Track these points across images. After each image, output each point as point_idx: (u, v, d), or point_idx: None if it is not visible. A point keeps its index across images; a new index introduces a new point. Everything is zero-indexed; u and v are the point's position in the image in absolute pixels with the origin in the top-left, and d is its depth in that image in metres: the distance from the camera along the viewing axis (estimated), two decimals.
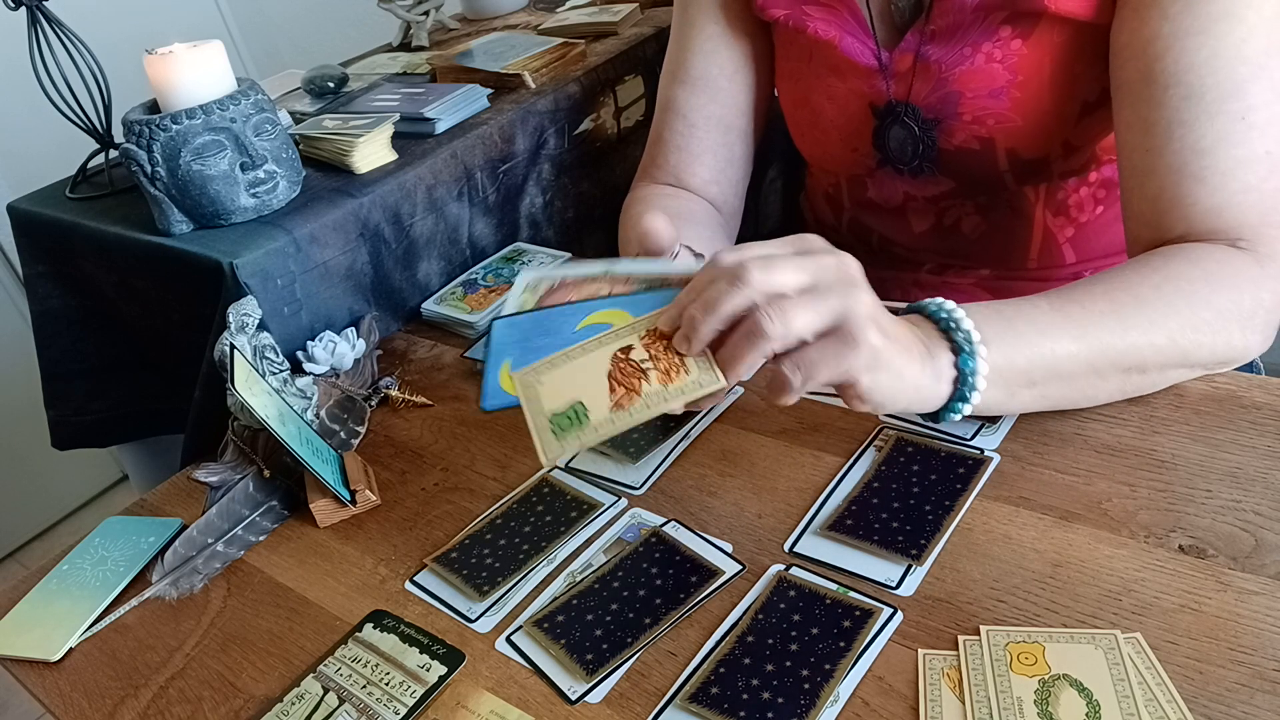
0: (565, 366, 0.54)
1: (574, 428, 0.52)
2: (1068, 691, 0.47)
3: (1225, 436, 0.60)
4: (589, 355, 0.53)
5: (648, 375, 0.52)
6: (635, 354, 0.53)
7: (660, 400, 0.51)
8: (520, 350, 0.56)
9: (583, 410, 0.52)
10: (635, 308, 0.56)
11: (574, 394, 0.53)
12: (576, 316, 0.57)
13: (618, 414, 0.52)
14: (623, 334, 0.54)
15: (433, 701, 0.56)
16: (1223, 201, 0.60)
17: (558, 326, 0.57)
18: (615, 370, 0.53)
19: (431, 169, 1.01)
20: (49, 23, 1.09)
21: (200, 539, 0.72)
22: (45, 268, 1.15)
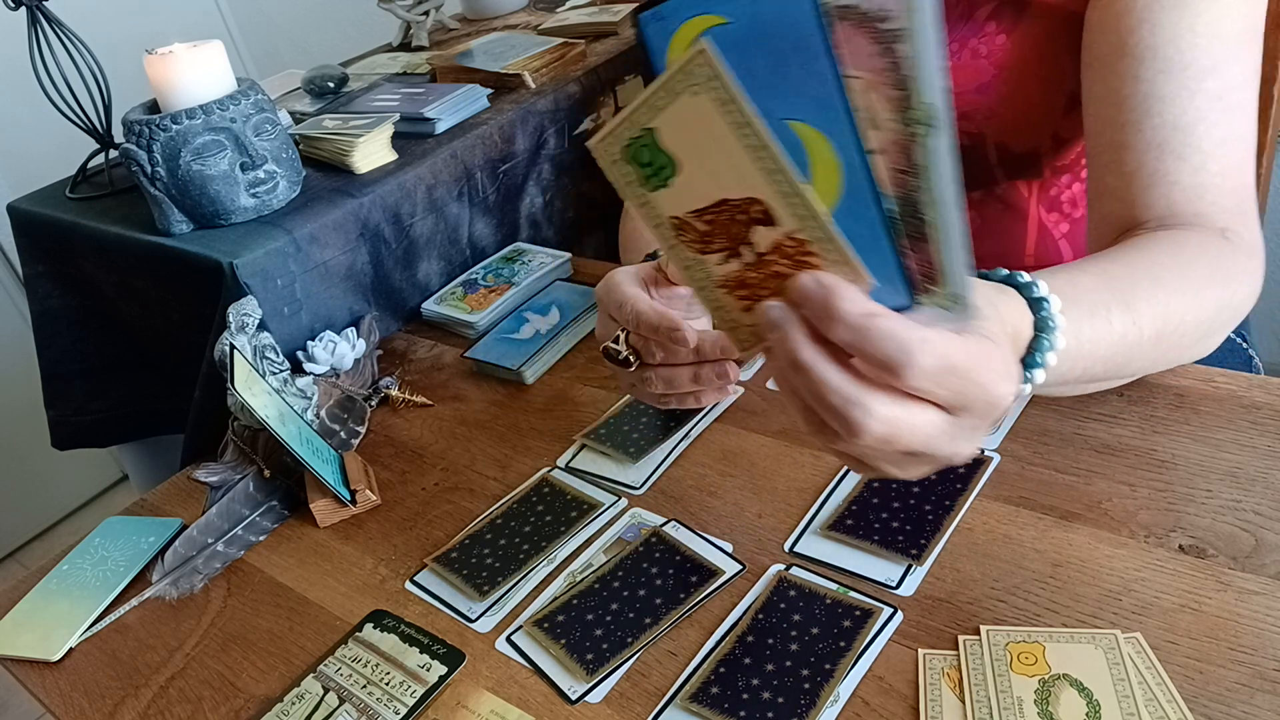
0: (735, 146, 0.35)
1: (645, 170, 0.38)
2: (1068, 691, 0.47)
3: (1225, 436, 0.60)
4: (752, 168, 0.36)
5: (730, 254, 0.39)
6: (759, 237, 0.38)
7: (704, 295, 0.41)
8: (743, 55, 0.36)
9: (669, 171, 0.38)
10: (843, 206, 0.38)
11: (708, 186, 0.38)
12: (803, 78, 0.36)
13: (687, 258, 0.40)
14: (787, 196, 0.36)
15: (433, 701, 0.56)
16: (1204, 182, 0.60)
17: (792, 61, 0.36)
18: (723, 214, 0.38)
19: (431, 169, 1.01)
20: (49, 23, 1.09)
21: (200, 539, 0.72)
22: (45, 268, 1.15)
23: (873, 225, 0.38)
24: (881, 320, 0.37)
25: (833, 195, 0.38)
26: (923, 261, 0.38)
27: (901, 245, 0.38)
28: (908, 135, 0.36)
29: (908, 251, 0.38)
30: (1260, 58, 0.62)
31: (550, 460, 0.74)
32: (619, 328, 0.60)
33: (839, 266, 0.37)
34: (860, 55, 0.35)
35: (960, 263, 0.38)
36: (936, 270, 0.38)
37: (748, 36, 0.36)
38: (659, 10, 0.37)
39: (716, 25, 0.36)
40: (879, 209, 0.37)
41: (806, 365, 0.38)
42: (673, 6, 0.37)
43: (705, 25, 0.36)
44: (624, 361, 0.59)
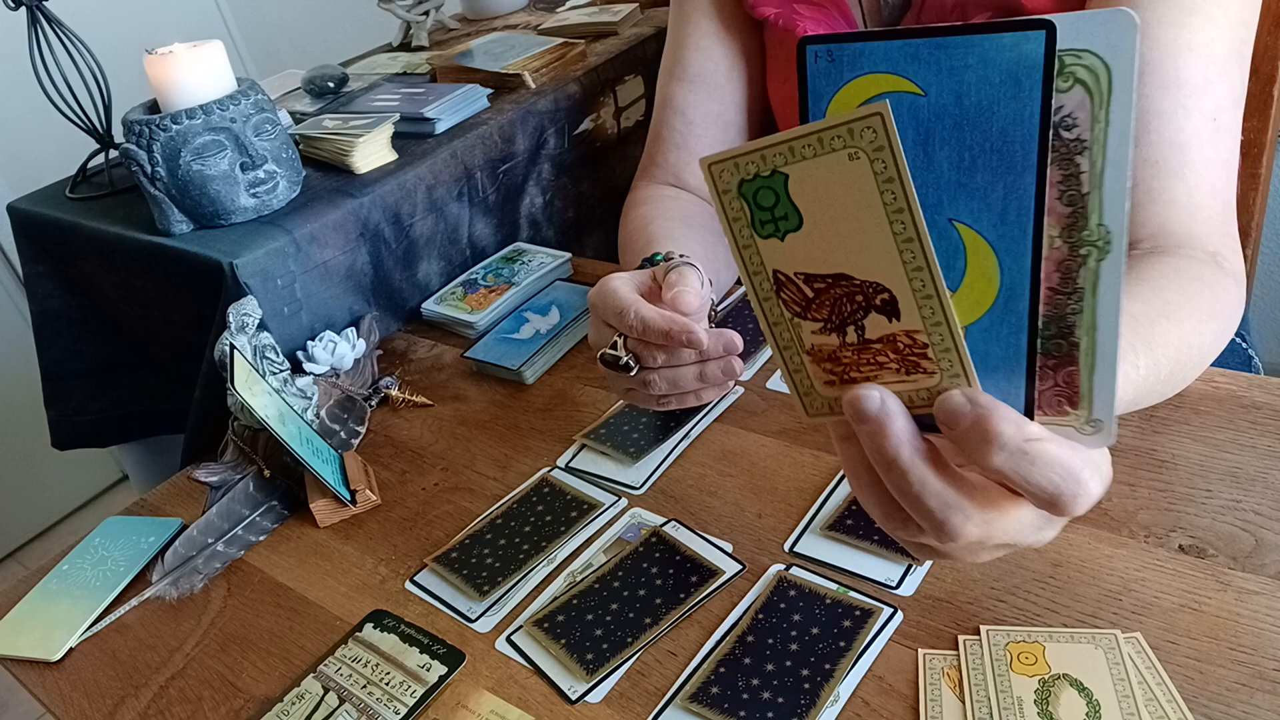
0: (878, 227, 0.31)
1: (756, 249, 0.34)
2: (1068, 691, 0.47)
3: (1225, 436, 0.60)
4: (892, 255, 0.32)
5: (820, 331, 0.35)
6: (872, 325, 0.34)
7: (782, 351, 0.37)
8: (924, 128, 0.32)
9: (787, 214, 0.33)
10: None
11: (832, 256, 0.33)
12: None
13: (777, 314, 0.36)
14: (922, 295, 0.32)
15: (433, 701, 0.56)
16: (1197, 201, 0.61)
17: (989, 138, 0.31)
18: (845, 312, 0.34)
19: (431, 169, 1.01)
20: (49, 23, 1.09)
21: (200, 539, 0.72)
22: (45, 268, 1.15)
23: (1015, 353, 0.34)
24: (1046, 445, 0.33)
25: (979, 310, 0.34)
26: (1063, 382, 0.35)
27: (1037, 365, 0.35)
28: (1073, 255, 0.33)
29: (1046, 372, 0.35)
30: (1246, 80, 0.62)
31: (550, 460, 0.74)
32: (614, 334, 0.60)
33: (953, 379, 0.34)
34: None
35: (1111, 389, 0.35)
36: (1079, 393, 0.35)
37: (940, 119, 0.31)
38: (833, 49, 0.32)
39: (905, 92, 0.31)
40: (1030, 341, 0.34)
41: (905, 467, 0.35)
42: (852, 51, 0.31)
43: (889, 87, 0.31)
44: (624, 366, 0.59)
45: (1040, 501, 0.35)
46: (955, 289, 0.34)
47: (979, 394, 0.34)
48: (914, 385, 0.35)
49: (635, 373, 0.59)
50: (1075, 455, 0.34)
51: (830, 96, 0.32)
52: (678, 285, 0.58)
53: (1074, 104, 0.30)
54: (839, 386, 0.36)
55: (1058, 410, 0.36)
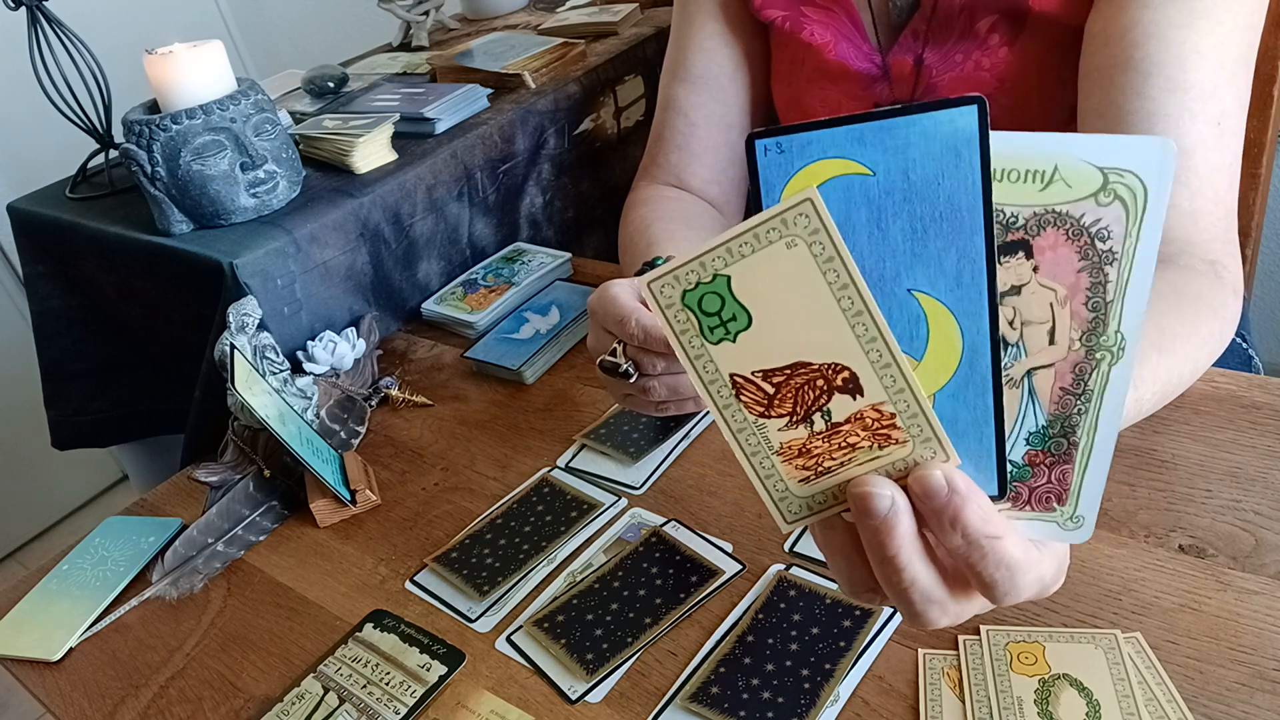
0: (827, 308, 0.32)
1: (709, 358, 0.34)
2: (1068, 691, 0.47)
3: (1225, 436, 0.60)
4: (845, 334, 0.33)
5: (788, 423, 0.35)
6: (838, 407, 0.34)
7: (750, 458, 0.36)
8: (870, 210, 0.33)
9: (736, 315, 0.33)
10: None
11: (786, 348, 0.34)
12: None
13: (739, 420, 0.36)
14: (880, 366, 0.33)
15: (433, 701, 0.56)
16: (1200, 208, 0.60)
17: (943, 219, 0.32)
18: (808, 400, 0.35)
19: (431, 169, 1.01)
20: (49, 23, 1.09)
21: (200, 539, 0.72)
22: (45, 268, 1.15)
23: (982, 414, 0.35)
24: (1001, 544, 0.35)
25: (945, 375, 0.35)
26: (1056, 480, 0.36)
27: (1036, 459, 0.36)
28: (1089, 358, 0.34)
29: (1042, 469, 0.36)
30: (1250, 86, 0.62)
31: (550, 460, 0.74)
32: (614, 340, 0.60)
33: (926, 444, 0.34)
34: (1062, 267, 0.33)
35: (1099, 489, 0.36)
36: (1068, 491, 0.36)
37: (890, 194, 0.32)
38: (780, 141, 0.32)
39: (854, 174, 0.32)
40: (995, 400, 0.34)
41: (903, 565, 0.35)
42: (800, 141, 0.32)
43: (839, 170, 0.32)
44: (624, 374, 0.59)
45: (978, 585, 0.36)
46: (920, 357, 0.34)
47: (957, 476, 0.34)
48: (888, 459, 0.35)
49: (635, 380, 0.59)
50: (1025, 557, 0.35)
51: (782, 186, 0.33)
52: None
53: (1111, 218, 0.32)
54: (814, 482, 0.36)
55: (1044, 506, 0.37)
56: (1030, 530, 0.37)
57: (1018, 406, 0.35)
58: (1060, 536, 0.37)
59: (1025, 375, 0.35)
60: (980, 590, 0.36)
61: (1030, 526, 0.37)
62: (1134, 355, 0.34)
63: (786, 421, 0.35)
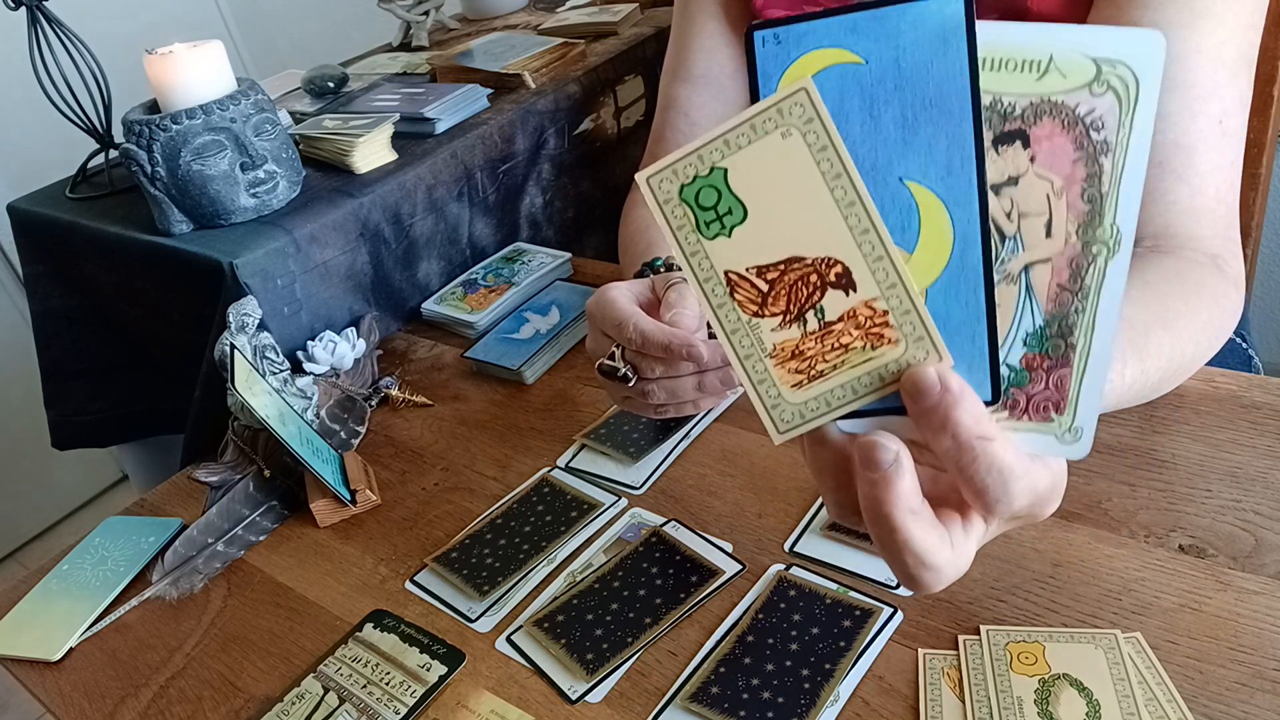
0: (822, 199, 0.32)
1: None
2: (1068, 691, 0.47)
3: (1225, 436, 0.60)
4: (839, 224, 0.33)
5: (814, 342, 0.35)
6: (831, 304, 0.34)
7: (744, 363, 0.36)
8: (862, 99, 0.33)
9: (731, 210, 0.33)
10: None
11: (781, 241, 0.34)
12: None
13: (734, 319, 0.35)
14: (873, 259, 0.33)
15: (433, 701, 0.56)
16: (1201, 205, 0.61)
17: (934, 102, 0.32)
18: (802, 296, 0.34)
19: (431, 169, 1.01)
20: (49, 22, 1.09)
21: (200, 539, 0.72)
22: (45, 268, 1.15)
23: (974, 310, 0.34)
24: (993, 446, 0.34)
25: (936, 268, 0.34)
26: (1054, 386, 0.35)
27: (1034, 362, 0.35)
28: (1084, 253, 0.34)
29: (1040, 374, 0.36)
30: (1252, 85, 0.62)
31: (550, 460, 0.74)
32: (612, 344, 0.60)
33: (918, 344, 0.34)
34: (1058, 157, 0.33)
35: (1097, 398, 0.35)
36: (1066, 399, 0.35)
37: (882, 82, 0.32)
38: (778, 32, 0.32)
39: (848, 63, 0.32)
40: (987, 295, 0.34)
41: (896, 524, 0.35)
42: (797, 32, 0.32)
43: (834, 59, 0.32)
44: (623, 378, 0.59)
45: (967, 493, 0.36)
46: (912, 250, 0.34)
47: (950, 375, 0.34)
48: (881, 361, 0.35)
49: (633, 383, 0.59)
50: (1018, 464, 0.35)
51: (779, 77, 0.33)
52: (676, 306, 0.59)
53: (1105, 108, 0.32)
54: (808, 386, 0.36)
55: (1043, 415, 0.36)
56: (1027, 444, 0.36)
57: (1015, 305, 0.35)
58: (1058, 450, 0.36)
59: (1023, 271, 0.35)
60: (971, 500, 0.36)
61: (1028, 439, 0.36)
62: (1128, 253, 0.33)
63: (780, 320, 0.35)
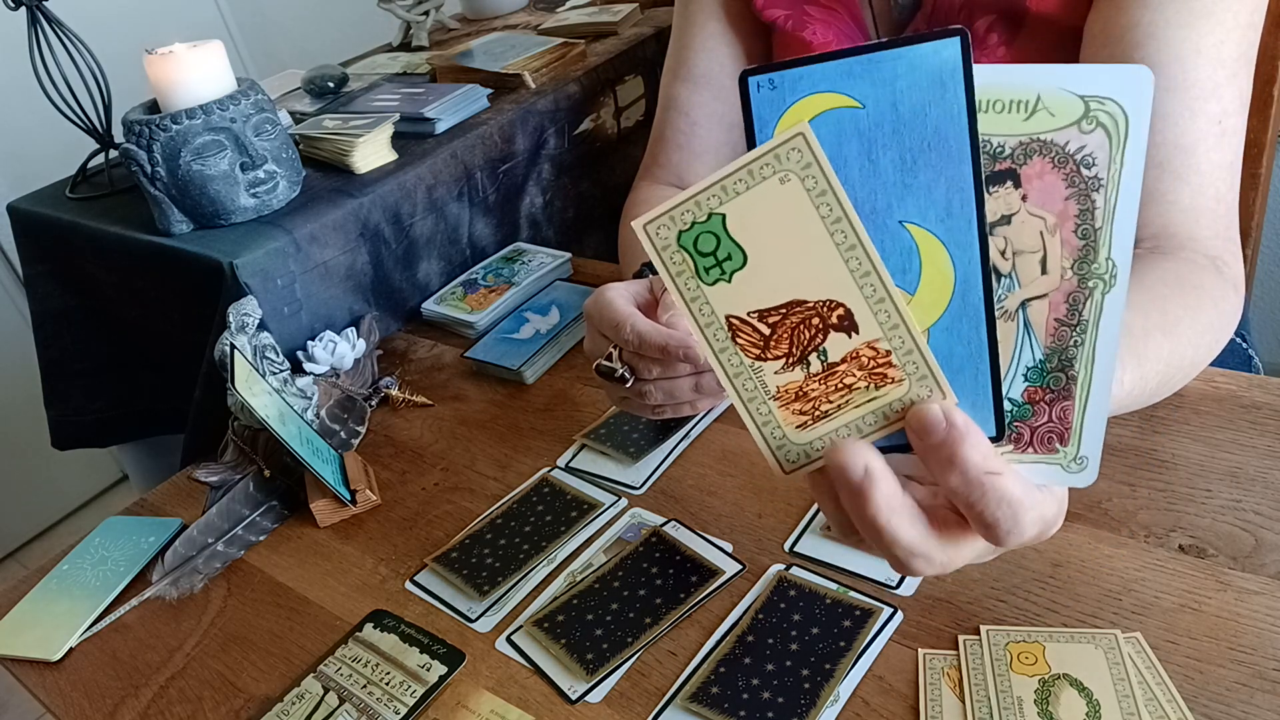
0: (821, 243, 0.33)
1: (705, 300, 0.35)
2: (1068, 691, 0.47)
3: (1225, 436, 0.60)
4: (839, 268, 0.33)
5: (812, 382, 0.36)
6: (834, 345, 0.35)
7: (748, 405, 0.37)
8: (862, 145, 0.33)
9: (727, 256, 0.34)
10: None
11: (781, 285, 0.34)
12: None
13: (736, 364, 0.36)
14: (875, 301, 0.33)
15: (433, 701, 0.56)
16: (1201, 205, 0.61)
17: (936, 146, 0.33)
18: (804, 339, 0.35)
19: (431, 169, 1.01)
20: (49, 23, 1.09)
21: (200, 539, 0.72)
22: (45, 268, 1.15)
23: (977, 348, 0.35)
24: (1002, 481, 0.34)
25: (939, 308, 0.35)
26: (1057, 419, 0.36)
27: (1036, 395, 0.36)
28: (1081, 287, 0.34)
29: (1043, 407, 0.36)
30: (1251, 84, 0.62)
31: (550, 460, 0.74)
32: (610, 345, 0.60)
33: (922, 382, 0.35)
34: (1050, 194, 0.33)
35: (1101, 427, 0.36)
36: (1070, 430, 0.36)
37: (880, 126, 0.33)
38: (773, 78, 0.32)
39: (845, 107, 0.32)
40: (988, 333, 0.35)
41: (882, 526, 0.35)
42: (792, 77, 0.32)
43: (830, 104, 0.33)
44: (620, 379, 0.59)
45: (978, 527, 0.36)
46: (914, 291, 0.34)
47: (955, 412, 0.34)
48: (885, 400, 0.35)
49: (631, 384, 0.60)
50: (1026, 496, 0.35)
51: (775, 123, 0.33)
52: (674, 307, 0.59)
53: (1095, 145, 0.32)
54: (812, 427, 0.36)
55: (1048, 447, 0.36)
56: (1034, 475, 0.37)
57: (1014, 340, 0.35)
58: (1065, 480, 0.37)
59: (1020, 307, 0.35)
60: (982, 532, 0.36)
61: (1034, 471, 0.37)
62: (1125, 285, 0.34)
63: (783, 363, 0.35)
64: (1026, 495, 0.35)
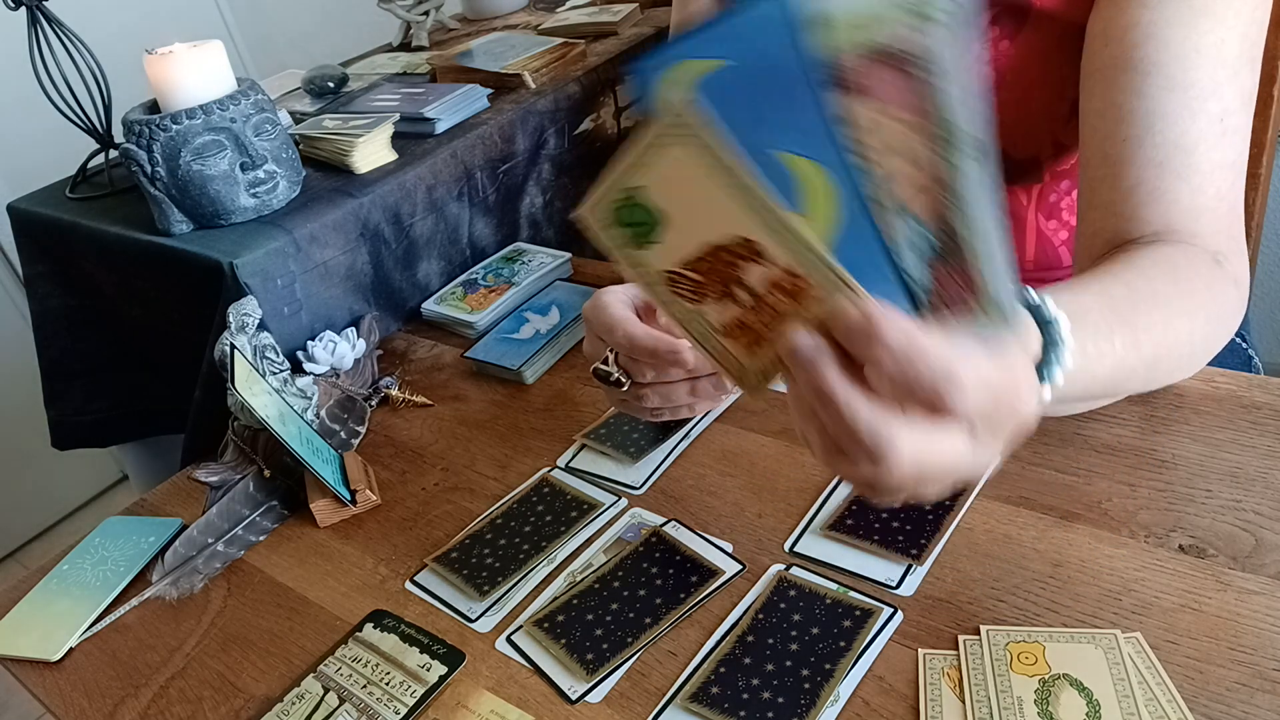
0: (721, 190, 0.37)
1: (633, 230, 0.40)
2: (1068, 691, 0.47)
3: (1225, 436, 0.60)
4: (739, 208, 0.37)
5: (727, 297, 0.40)
6: (752, 276, 0.38)
7: (704, 344, 0.41)
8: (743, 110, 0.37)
9: (653, 228, 0.39)
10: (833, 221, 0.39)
11: (671, 205, 0.38)
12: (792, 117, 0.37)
13: (684, 310, 0.41)
14: (775, 230, 0.37)
15: (433, 701, 0.56)
16: (1202, 204, 0.60)
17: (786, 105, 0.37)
18: (724, 256, 0.39)
19: (431, 169, 1.01)
20: (49, 22, 1.09)
21: (200, 539, 0.72)
22: (45, 268, 1.15)
23: (873, 246, 0.38)
24: (925, 343, 0.36)
25: (833, 221, 0.38)
26: (960, 281, 0.38)
27: (935, 266, 0.38)
28: (947, 168, 0.36)
29: (944, 273, 0.38)
30: (1257, 82, 0.62)
31: (550, 460, 0.74)
32: (607, 348, 0.60)
33: (838, 291, 0.37)
34: (898, 93, 0.36)
35: (1002, 271, 0.37)
36: (975, 284, 0.38)
37: (740, 77, 0.36)
38: (649, 63, 0.37)
39: (714, 68, 0.36)
40: (876, 230, 0.38)
41: (836, 398, 0.37)
42: (665, 57, 0.37)
43: (702, 70, 0.36)
44: (615, 382, 0.60)
45: (924, 406, 0.37)
46: (805, 211, 0.38)
47: (867, 302, 0.36)
48: (812, 314, 0.38)
49: (627, 388, 0.60)
50: (954, 351, 0.37)
51: (658, 96, 0.37)
52: None
53: (930, 40, 0.35)
54: (761, 350, 0.40)
55: (963, 304, 0.39)
56: None
57: (900, 228, 0.38)
58: (991, 329, 0.39)
59: (896, 199, 0.38)
60: (927, 407, 0.37)
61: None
62: (987, 152, 0.36)
63: (719, 302, 0.40)
64: (954, 351, 0.37)
